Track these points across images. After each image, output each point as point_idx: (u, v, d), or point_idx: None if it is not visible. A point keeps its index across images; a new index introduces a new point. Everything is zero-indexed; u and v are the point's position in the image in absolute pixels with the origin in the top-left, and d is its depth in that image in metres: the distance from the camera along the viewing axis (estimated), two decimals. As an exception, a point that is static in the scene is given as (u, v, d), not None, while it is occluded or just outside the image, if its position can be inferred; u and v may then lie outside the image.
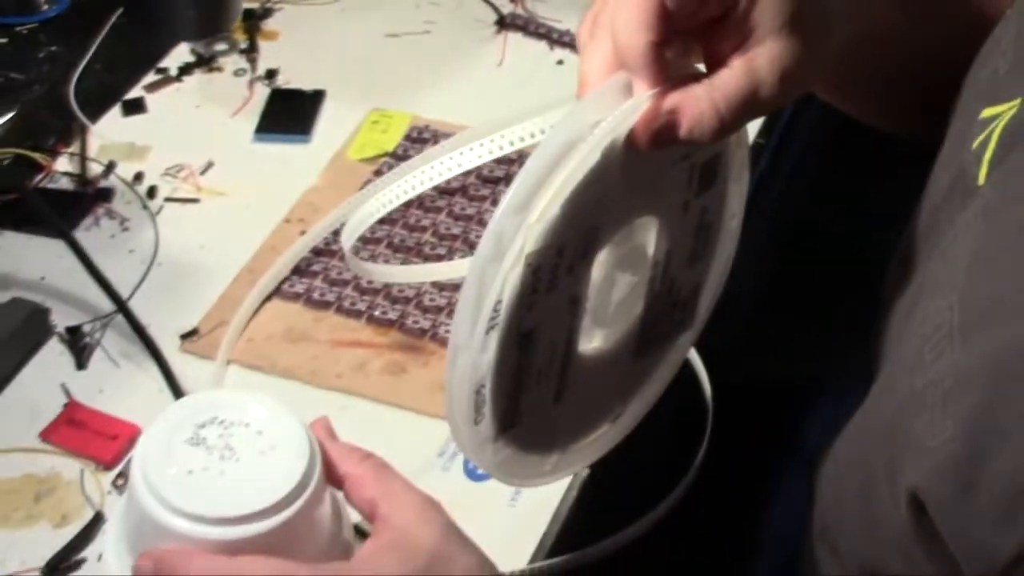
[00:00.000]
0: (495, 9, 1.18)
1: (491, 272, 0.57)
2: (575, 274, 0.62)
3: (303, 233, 0.94)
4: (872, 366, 0.70)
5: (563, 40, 1.14)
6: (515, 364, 0.61)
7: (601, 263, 0.64)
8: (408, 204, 0.90)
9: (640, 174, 0.61)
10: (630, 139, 0.58)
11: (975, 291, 0.56)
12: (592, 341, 0.67)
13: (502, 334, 0.59)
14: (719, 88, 0.57)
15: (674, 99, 0.57)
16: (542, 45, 1.15)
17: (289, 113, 1.07)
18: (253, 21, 1.15)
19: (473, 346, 0.59)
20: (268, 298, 0.90)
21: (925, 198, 0.69)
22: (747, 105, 0.58)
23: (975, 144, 0.63)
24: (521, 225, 0.57)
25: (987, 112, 0.63)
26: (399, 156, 1.01)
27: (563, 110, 0.59)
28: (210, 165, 1.02)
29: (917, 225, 0.69)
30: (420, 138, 1.03)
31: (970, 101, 0.66)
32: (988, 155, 0.61)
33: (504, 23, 1.16)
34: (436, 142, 1.02)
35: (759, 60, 0.58)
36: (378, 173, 1.00)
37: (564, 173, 0.57)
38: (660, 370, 0.74)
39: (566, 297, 0.62)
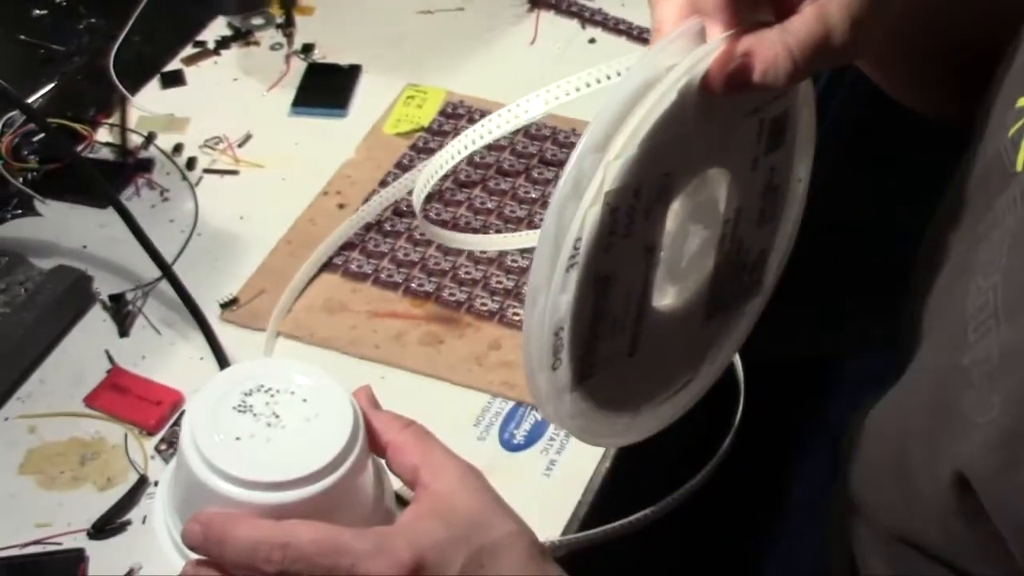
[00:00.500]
0: (528, -13, 1.19)
1: (571, 209, 0.58)
2: (651, 220, 0.62)
3: (341, 206, 0.96)
4: (904, 346, 0.71)
5: (595, 19, 1.16)
6: (592, 309, 0.62)
7: (675, 213, 0.64)
8: (444, 178, 0.91)
9: (714, 121, 0.61)
10: (705, 83, 0.58)
11: (1018, 271, 0.57)
12: (665, 297, 0.67)
13: (581, 274, 0.59)
14: (792, 32, 0.57)
15: (748, 42, 0.58)
16: (574, 24, 1.16)
17: (325, 87, 1.08)
18: (288, -3, 1.17)
19: (553, 286, 0.59)
20: (317, 273, 0.92)
21: (957, 182, 0.70)
22: (819, 50, 0.58)
23: (1012, 131, 0.64)
24: (600, 162, 0.57)
25: None
26: (434, 131, 1.03)
27: (635, 56, 0.59)
28: (248, 137, 1.03)
29: (949, 208, 0.70)
30: (455, 113, 1.05)
31: (1008, 88, 0.67)
32: None
33: (536, 1, 1.17)
34: (471, 118, 1.04)
35: (830, 7, 0.58)
36: (414, 147, 1.01)
37: (642, 112, 0.57)
38: (729, 336, 0.74)
39: (642, 244, 0.63)
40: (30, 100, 1.04)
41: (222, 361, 0.84)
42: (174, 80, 1.09)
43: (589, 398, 0.66)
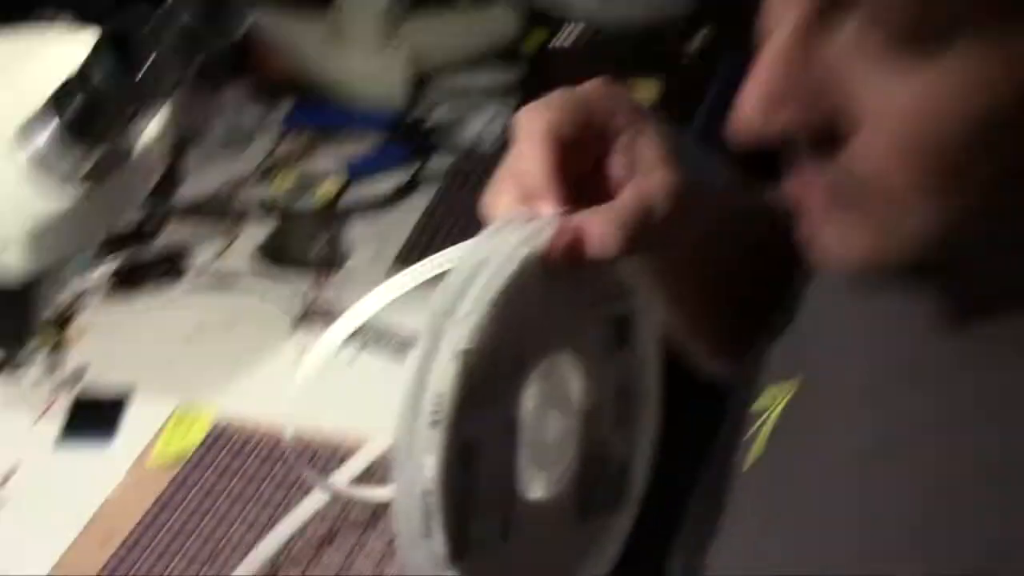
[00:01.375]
0: (297, 301, 1.23)
1: (426, 365, 0.60)
2: (511, 394, 0.65)
3: (104, 543, 0.97)
4: None
5: (363, 329, 1.19)
6: (459, 479, 0.62)
7: (532, 395, 0.66)
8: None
9: (558, 299, 0.65)
10: (546, 254, 0.63)
11: (767, 555, 0.63)
12: (535, 485, 0.68)
13: (446, 435, 0.60)
14: (617, 208, 0.63)
15: (579, 218, 0.63)
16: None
17: (93, 416, 1.10)
18: (58, 322, 1.18)
19: (417, 445, 0.60)
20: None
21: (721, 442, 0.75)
22: (645, 221, 0.63)
23: (747, 435, 0.70)
24: (450, 323, 0.60)
25: (763, 401, 0.71)
26: (196, 463, 1.05)
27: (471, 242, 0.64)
28: (11, 473, 1.04)
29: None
30: (220, 439, 1.07)
31: (749, 379, 0.74)
32: (765, 434, 0.69)
33: (305, 315, 1.22)
34: (238, 440, 1.07)
35: (650, 184, 0.65)
36: (174, 480, 1.03)
37: (484, 278, 0.61)
38: (606, 544, 0.73)
39: (504, 416, 0.65)
40: None
41: None
42: (-62, 414, 1.09)
43: None
